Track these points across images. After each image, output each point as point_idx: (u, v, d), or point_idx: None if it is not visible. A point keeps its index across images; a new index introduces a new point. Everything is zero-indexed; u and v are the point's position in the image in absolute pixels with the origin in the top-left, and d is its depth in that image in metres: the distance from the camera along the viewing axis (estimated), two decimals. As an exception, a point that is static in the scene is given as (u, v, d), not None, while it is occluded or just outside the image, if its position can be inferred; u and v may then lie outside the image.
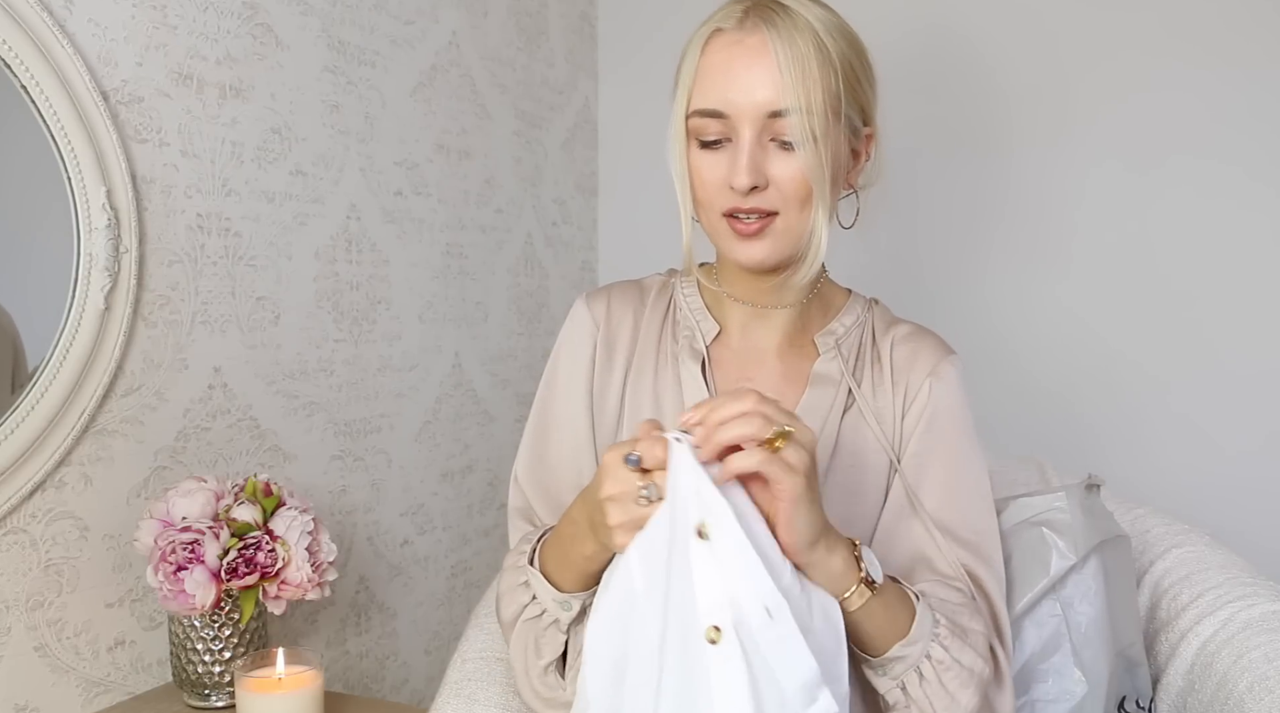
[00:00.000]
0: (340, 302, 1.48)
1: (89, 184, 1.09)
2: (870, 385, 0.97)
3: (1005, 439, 1.70)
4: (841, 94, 0.87)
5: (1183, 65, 1.65)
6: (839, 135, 0.88)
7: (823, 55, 0.85)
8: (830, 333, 0.99)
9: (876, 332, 1.00)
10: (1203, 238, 1.65)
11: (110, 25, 1.14)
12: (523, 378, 1.91)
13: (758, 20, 0.86)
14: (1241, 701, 0.92)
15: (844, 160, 0.91)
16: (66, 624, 1.13)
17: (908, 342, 0.98)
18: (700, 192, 0.90)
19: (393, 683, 1.64)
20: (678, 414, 0.94)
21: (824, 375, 0.97)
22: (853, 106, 0.89)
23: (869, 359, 0.98)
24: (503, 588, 0.93)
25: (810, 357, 0.99)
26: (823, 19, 0.87)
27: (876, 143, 0.95)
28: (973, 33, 1.78)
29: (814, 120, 0.84)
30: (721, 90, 0.86)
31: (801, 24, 0.86)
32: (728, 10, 0.89)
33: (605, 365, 1.01)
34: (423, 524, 1.68)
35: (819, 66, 0.85)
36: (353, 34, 1.49)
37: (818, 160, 0.85)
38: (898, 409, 0.96)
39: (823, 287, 1.01)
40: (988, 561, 0.92)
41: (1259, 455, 1.64)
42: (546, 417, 1.03)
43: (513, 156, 1.87)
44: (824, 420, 0.94)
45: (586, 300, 1.03)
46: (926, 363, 0.96)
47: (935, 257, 1.84)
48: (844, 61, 0.87)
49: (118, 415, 1.17)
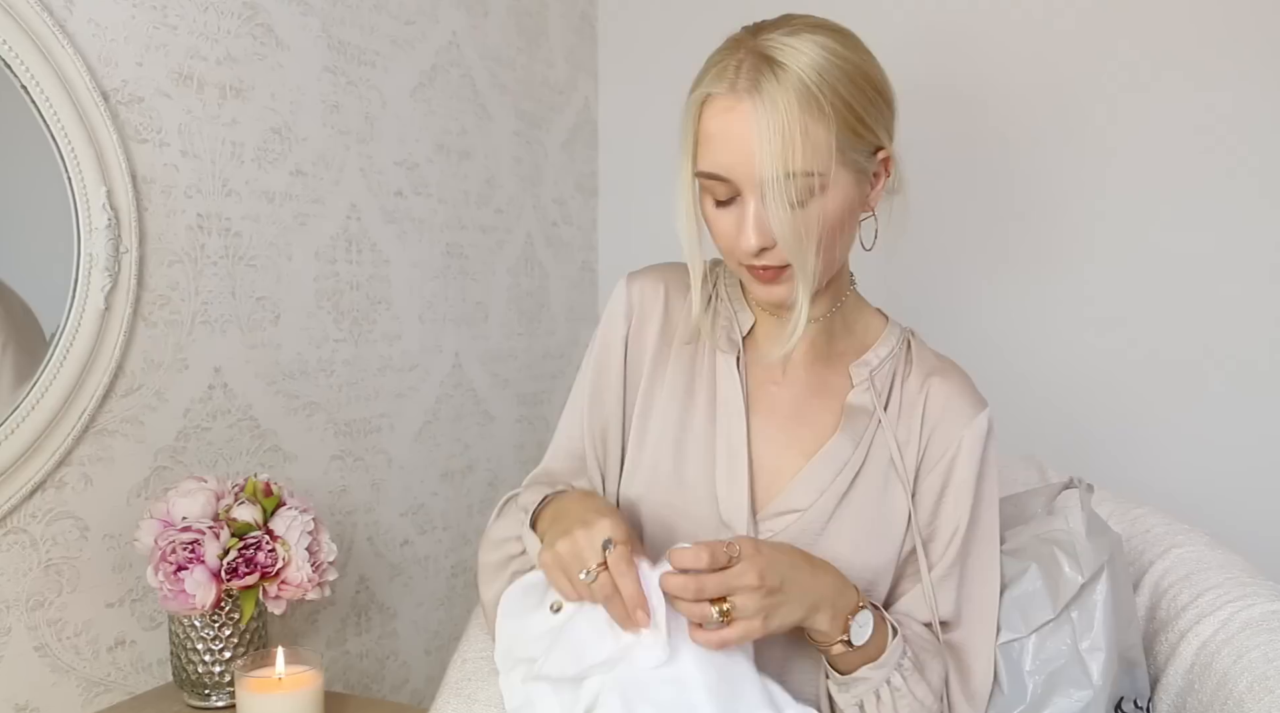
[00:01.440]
0: (340, 302, 1.48)
1: (89, 184, 1.09)
2: (896, 416, 0.98)
3: (1005, 439, 1.70)
4: (842, 141, 0.85)
5: (1189, 74, 1.65)
6: (845, 178, 0.87)
7: (814, 110, 0.83)
8: (865, 364, 1.00)
9: (913, 366, 1.01)
10: (1202, 238, 1.65)
11: (110, 25, 1.14)
12: (523, 378, 1.91)
13: (747, 84, 0.84)
14: (1241, 701, 0.92)
15: (856, 194, 0.89)
16: (67, 624, 1.13)
17: (942, 387, 0.98)
18: (719, 242, 0.92)
19: (393, 683, 1.64)
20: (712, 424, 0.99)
21: (858, 407, 0.98)
22: (858, 146, 0.87)
23: (900, 392, 0.99)
24: (494, 535, 0.98)
25: (841, 376, 1.00)
26: (818, 61, 0.84)
27: (895, 160, 0.93)
28: (976, 36, 1.78)
29: (798, 183, 0.83)
30: (720, 157, 0.86)
31: (790, 80, 0.82)
32: (720, 69, 0.86)
33: (638, 343, 1.02)
34: (423, 524, 1.68)
35: (811, 126, 0.82)
36: (353, 34, 1.49)
37: (794, 227, 0.84)
38: (922, 445, 0.97)
39: (848, 302, 1.01)
40: (980, 629, 0.97)
41: (1259, 455, 1.64)
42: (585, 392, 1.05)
43: (513, 156, 1.87)
44: (854, 450, 0.96)
45: (628, 280, 1.05)
46: (961, 415, 0.97)
47: (936, 257, 1.84)
48: (843, 105, 0.84)
49: (118, 415, 1.17)
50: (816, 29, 0.87)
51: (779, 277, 0.90)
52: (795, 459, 0.97)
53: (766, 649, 0.93)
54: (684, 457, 0.97)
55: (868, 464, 0.96)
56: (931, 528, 0.97)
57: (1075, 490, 1.06)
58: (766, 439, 0.98)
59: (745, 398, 0.98)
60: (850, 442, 0.96)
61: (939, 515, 0.97)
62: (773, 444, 0.98)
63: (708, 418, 0.98)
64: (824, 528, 0.94)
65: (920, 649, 0.92)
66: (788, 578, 0.83)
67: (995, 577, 0.99)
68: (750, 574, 0.80)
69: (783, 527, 0.94)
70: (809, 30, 0.86)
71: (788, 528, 0.94)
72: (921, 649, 0.92)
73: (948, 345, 1.10)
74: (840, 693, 0.90)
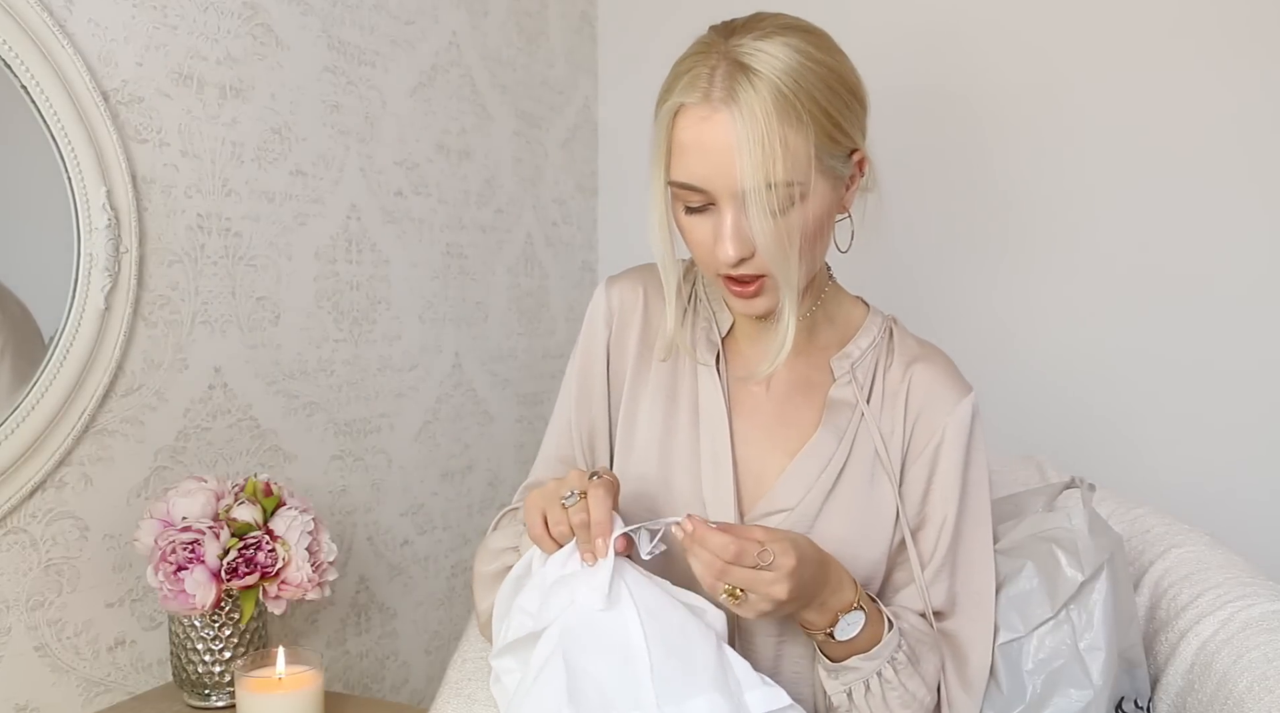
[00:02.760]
0: (340, 302, 1.48)
1: (89, 184, 1.09)
2: (879, 407, 0.97)
3: (1005, 439, 1.70)
4: (820, 149, 0.84)
5: (1180, 66, 1.65)
6: (823, 185, 0.86)
7: (792, 119, 0.82)
8: (846, 357, 0.99)
9: (895, 355, 1.00)
10: (1202, 237, 1.65)
11: (110, 25, 1.14)
12: (523, 378, 1.91)
13: (723, 93, 0.82)
14: (1241, 700, 0.92)
15: (833, 198, 0.89)
16: (66, 624, 1.13)
17: (925, 375, 0.98)
18: (695, 251, 0.91)
19: (393, 683, 1.64)
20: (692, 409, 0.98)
21: (840, 401, 0.98)
22: (835, 151, 0.86)
23: (882, 382, 0.99)
24: (492, 545, 0.98)
25: (822, 370, 1.00)
26: (792, 67, 0.82)
27: (870, 160, 0.93)
28: (971, 30, 1.78)
29: (779, 193, 0.82)
30: (696, 168, 0.85)
31: (767, 88, 0.81)
32: (692, 77, 0.84)
33: (619, 349, 1.02)
34: (423, 524, 1.68)
35: (789, 135, 0.82)
36: (353, 34, 1.49)
37: (776, 238, 0.83)
38: (906, 435, 0.97)
39: (828, 296, 1.01)
40: (976, 617, 0.96)
41: (1258, 455, 1.64)
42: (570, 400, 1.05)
43: (513, 156, 1.87)
44: (837, 445, 0.96)
45: (606, 285, 1.05)
46: (944, 402, 0.96)
47: (934, 257, 1.84)
48: (819, 112, 0.83)
49: (118, 415, 1.17)
50: (788, 30, 0.85)
51: (759, 289, 0.89)
52: (780, 459, 0.97)
53: (762, 629, 0.95)
54: (670, 463, 0.98)
55: (852, 458, 0.96)
56: (920, 518, 0.96)
57: (1077, 490, 1.06)
58: (750, 441, 0.98)
59: (727, 401, 0.98)
60: (833, 437, 0.96)
61: (927, 505, 0.96)
62: (757, 446, 0.98)
63: (691, 423, 0.98)
64: (812, 525, 0.94)
65: (917, 643, 0.92)
66: (806, 589, 0.83)
67: (989, 563, 0.98)
68: (781, 588, 0.80)
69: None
70: (780, 33, 0.85)
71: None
72: (918, 643, 0.92)
73: (950, 345, 1.09)
74: (829, 679, 0.90)
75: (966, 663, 0.95)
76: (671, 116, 0.85)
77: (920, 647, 0.92)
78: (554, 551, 0.85)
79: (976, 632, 0.96)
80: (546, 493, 0.85)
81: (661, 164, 0.87)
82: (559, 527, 0.84)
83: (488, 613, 0.94)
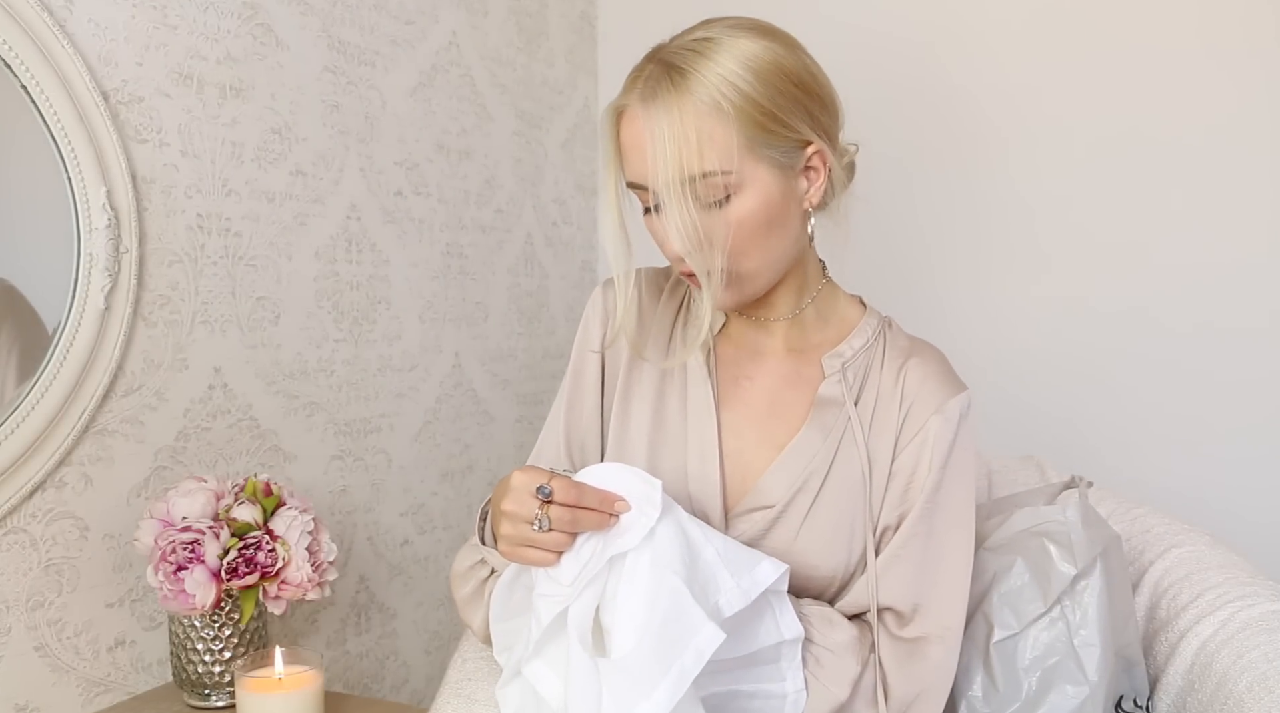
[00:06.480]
0: (340, 302, 1.48)
1: (89, 184, 1.09)
2: (871, 407, 0.97)
3: (1005, 439, 1.70)
4: (750, 138, 0.85)
5: (1180, 67, 1.65)
6: (764, 174, 0.87)
7: (709, 110, 0.83)
8: (838, 355, 0.99)
9: (887, 355, 0.99)
10: (1202, 237, 1.65)
11: (110, 25, 1.14)
12: (523, 378, 1.91)
13: (645, 92, 0.86)
14: (1241, 700, 0.92)
15: (780, 190, 0.88)
16: (66, 624, 1.13)
17: (919, 369, 0.97)
18: (661, 250, 0.93)
19: (393, 683, 1.64)
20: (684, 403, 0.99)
21: (828, 399, 0.97)
22: (774, 142, 0.86)
23: (875, 382, 0.98)
24: (459, 568, 0.99)
25: (814, 367, 0.99)
26: (721, 62, 0.84)
27: (834, 157, 0.92)
28: (969, 30, 1.78)
29: (702, 184, 0.84)
30: (632, 166, 0.89)
31: (684, 81, 0.84)
32: (630, 80, 0.89)
33: (613, 349, 1.03)
34: (423, 524, 1.68)
35: (706, 125, 0.83)
36: (353, 34, 1.49)
37: (693, 231, 0.85)
38: (897, 430, 0.96)
39: (821, 294, 1.01)
40: (945, 628, 0.92)
41: (1259, 455, 1.64)
42: (563, 401, 1.06)
43: (513, 156, 1.87)
44: (823, 442, 0.95)
45: (602, 288, 1.07)
46: (933, 398, 0.95)
47: (932, 258, 1.84)
48: (745, 102, 0.84)
49: (118, 415, 1.17)
50: (735, 29, 0.87)
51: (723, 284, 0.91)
52: (767, 452, 0.97)
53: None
54: (658, 456, 0.98)
55: (837, 461, 0.95)
56: (900, 512, 0.94)
57: (1075, 490, 1.06)
58: (738, 434, 0.98)
59: (715, 393, 0.98)
60: (820, 434, 0.95)
61: (904, 503, 0.94)
62: (744, 439, 0.98)
63: (680, 418, 0.99)
64: (799, 529, 0.93)
65: (820, 650, 0.89)
66: None
67: (962, 573, 0.94)
68: None
69: (756, 525, 0.94)
70: (726, 32, 0.87)
71: (761, 526, 0.94)
72: (824, 649, 0.89)
73: (948, 345, 1.09)
74: None
75: (938, 668, 0.91)
76: (614, 118, 0.90)
77: (826, 650, 0.89)
78: (562, 559, 0.84)
79: (940, 642, 0.91)
80: (514, 539, 0.83)
81: (612, 166, 0.92)
82: (548, 552, 0.83)
83: (484, 625, 0.94)
